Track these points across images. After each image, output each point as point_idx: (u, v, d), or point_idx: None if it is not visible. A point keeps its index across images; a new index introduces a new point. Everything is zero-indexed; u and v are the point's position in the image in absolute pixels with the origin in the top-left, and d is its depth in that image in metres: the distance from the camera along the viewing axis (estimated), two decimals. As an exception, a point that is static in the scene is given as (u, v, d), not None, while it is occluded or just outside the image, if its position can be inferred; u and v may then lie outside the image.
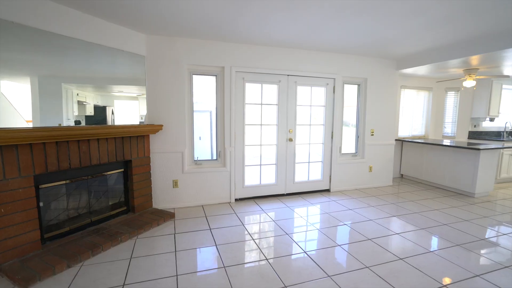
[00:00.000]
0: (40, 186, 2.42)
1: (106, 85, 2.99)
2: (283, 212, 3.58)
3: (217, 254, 2.47)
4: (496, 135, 6.04)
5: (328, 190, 4.57)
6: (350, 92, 4.68)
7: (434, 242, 2.73)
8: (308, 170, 4.48)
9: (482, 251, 2.56)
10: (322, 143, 4.47)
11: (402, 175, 5.66)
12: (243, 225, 3.15)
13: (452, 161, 4.59)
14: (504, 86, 5.43)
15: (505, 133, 5.95)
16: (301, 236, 2.86)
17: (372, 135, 4.76)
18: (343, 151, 4.66)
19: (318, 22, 2.92)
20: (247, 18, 2.81)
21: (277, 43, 3.76)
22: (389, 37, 3.43)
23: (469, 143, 4.89)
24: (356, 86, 4.68)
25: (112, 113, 3.09)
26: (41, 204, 2.43)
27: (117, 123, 3.11)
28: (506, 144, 5.10)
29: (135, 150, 3.21)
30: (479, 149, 4.16)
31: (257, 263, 2.32)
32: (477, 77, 4.57)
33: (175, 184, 3.65)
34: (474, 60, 3.89)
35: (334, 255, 2.46)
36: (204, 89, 3.80)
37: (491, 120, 5.76)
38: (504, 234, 2.94)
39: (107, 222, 2.98)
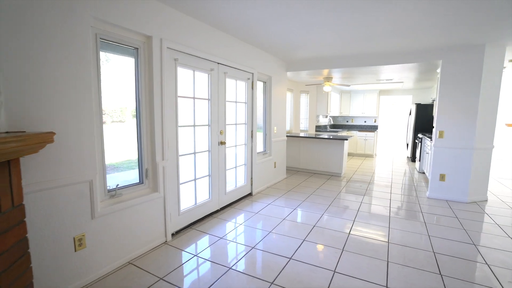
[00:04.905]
0: None
1: None
2: (242, 232, 2.91)
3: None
4: (324, 128, 8.26)
5: (251, 194, 4.25)
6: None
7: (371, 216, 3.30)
8: (236, 176, 3.93)
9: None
10: (245, 144, 4.06)
11: (282, 166, 6.36)
12: (230, 268, 2.23)
13: (324, 151, 5.72)
14: (332, 93, 7.47)
15: (328, 126, 8.27)
16: (301, 253, 2.45)
17: (275, 132, 4.94)
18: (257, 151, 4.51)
19: (295, 9, 2.53)
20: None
21: (215, 22, 2.91)
22: (307, 42, 3.69)
23: (316, 134, 6.32)
24: (262, 83, 4.64)
25: None
26: None
27: None
28: (338, 134, 7.10)
29: (-5, 198, 1.33)
30: (344, 139, 5.48)
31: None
32: (332, 84, 5.95)
33: (78, 243, 1.93)
34: (331, 71, 5.17)
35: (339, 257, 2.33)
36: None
37: (325, 117, 7.79)
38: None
39: None
